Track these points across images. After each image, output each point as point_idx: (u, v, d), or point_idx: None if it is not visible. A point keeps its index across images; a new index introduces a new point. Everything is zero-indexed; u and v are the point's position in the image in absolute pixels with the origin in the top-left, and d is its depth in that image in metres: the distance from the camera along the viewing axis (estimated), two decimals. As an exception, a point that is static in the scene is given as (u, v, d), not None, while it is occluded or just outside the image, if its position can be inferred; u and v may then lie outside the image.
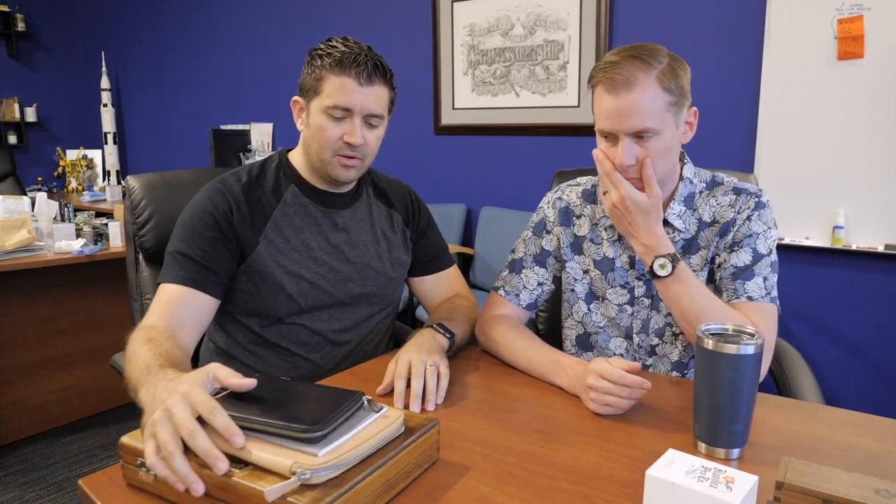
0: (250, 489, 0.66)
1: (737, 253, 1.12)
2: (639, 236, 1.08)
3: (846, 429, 0.93)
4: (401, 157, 3.69)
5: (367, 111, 1.17)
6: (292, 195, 1.25)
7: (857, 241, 2.41)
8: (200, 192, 1.21)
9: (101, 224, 2.73)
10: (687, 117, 1.11)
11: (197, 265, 1.13)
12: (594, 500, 0.74)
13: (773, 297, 1.11)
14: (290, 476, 0.65)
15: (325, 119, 1.16)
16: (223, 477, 0.67)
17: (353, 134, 1.16)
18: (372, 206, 1.34)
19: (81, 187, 5.08)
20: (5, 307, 2.42)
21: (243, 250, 1.19)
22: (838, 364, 2.55)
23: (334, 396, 0.78)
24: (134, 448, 0.74)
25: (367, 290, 1.29)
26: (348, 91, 1.14)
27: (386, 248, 1.33)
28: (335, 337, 1.26)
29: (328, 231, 1.26)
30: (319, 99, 1.16)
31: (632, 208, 1.07)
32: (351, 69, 1.14)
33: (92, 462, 2.38)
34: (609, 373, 0.94)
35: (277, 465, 0.67)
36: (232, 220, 1.18)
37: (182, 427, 0.69)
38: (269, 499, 0.64)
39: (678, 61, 1.08)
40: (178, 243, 1.15)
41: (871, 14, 2.28)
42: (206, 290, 1.13)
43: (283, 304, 1.21)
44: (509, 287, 1.28)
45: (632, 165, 1.07)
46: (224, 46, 4.51)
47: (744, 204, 1.14)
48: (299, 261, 1.22)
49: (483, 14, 3.25)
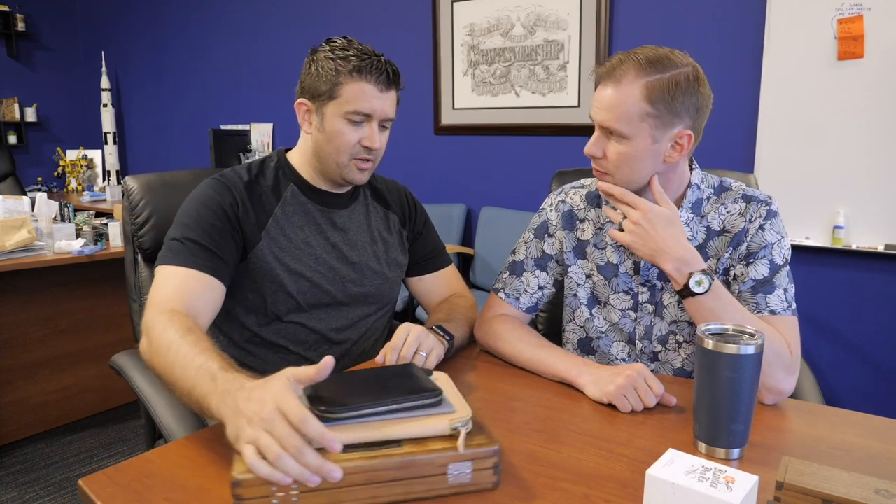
0: (432, 456, 0.73)
1: (754, 265, 1.09)
2: (670, 250, 1.03)
3: (846, 429, 0.93)
4: (401, 157, 3.69)
5: (384, 116, 1.20)
6: (292, 194, 1.25)
7: (857, 241, 2.41)
8: (201, 186, 1.21)
9: (100, 224, 2.73)
10: (676, 137, 1.05)
11: (209, 252, 1.11)
12: (594, 500, 0.74)
13: (794, 308, 1.09)
14: (451, 432, 0.75)
15: (343, 124, 1.18)
16: (396, 457, 0.71)
17: (372, 139, 1.19)
18: (369, 207, 1.35)
19: (81, 187, 5.08)
20: (5, 307, 2.42)
21: (246, 245, 1.19)
22: (838, 364, 2.55)
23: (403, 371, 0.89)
24: (255, 480, 0.67)
25: (365, 290, 1.29)
26: (369, 97, 1.16)
27: (383, 249, 1.34)
28: (333, 336, 1.27)
29: (327, 230, 1.27)
30: (337, 104, 1.17)
31: (655, 220, 1.03)
32: (371, 75, 1.16)
33: (92, 462, 2.38)
34: (655, 385, 1.00)
35: (437, 429, 0.75)
36: (238, 214, 1.18)
37: (287, 445, 0.65)
38: (462, 451, 0.73)
39: (690, 81, 1.03)
40: (185, 231, 1.13)
41: (871, 14, 2.28)
42: (220, 278, 1.11)
43: (282, 302, 1.21)
44: (509, 290, 1.28)
45: (596, 157, 1.09)
46: (224, 46, 4.51)
47: (755, 212, 1.11)
48: (300, 259, 1.22)
49: (483, 14, 3.25)
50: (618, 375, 1.00)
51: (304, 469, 0.65)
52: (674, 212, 1.05)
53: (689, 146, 1.07)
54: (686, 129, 1.05)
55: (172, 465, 0.82)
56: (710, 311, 1.02)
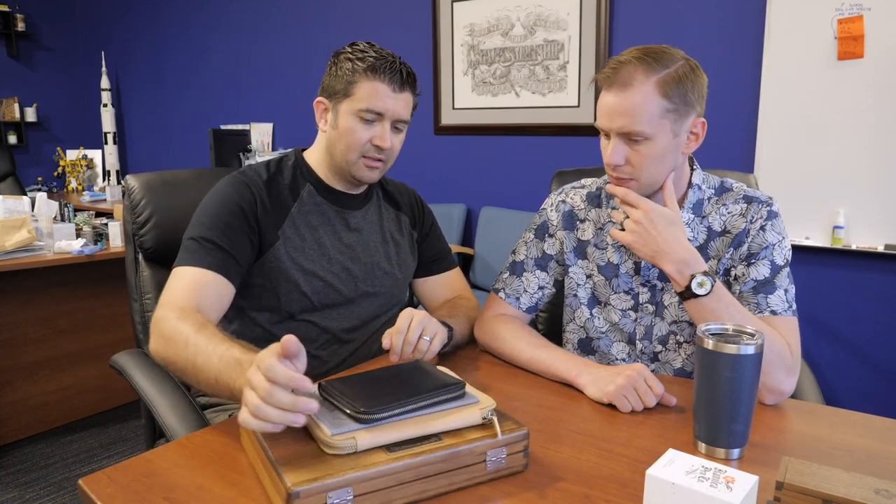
0: (472, 446, 0.76)
1: (755, 266, 1.10)
2: (672, 251, 1.02)
3: (846, 429, 0.93)
4: (401, 157, 3.65)
5: (397, 116, 1.21)
6: (308, 194, 1.27)
7: (857, 241, 2.41)
8: (222, 183, 1.22)
9: (101, 224, 2.73)
10: (692, 127, 1.07)
11: (223, 252, 1.13)
12: (594, 500, 0.74)
13: (794, 309, 1.09)
14: (483, 421, 0.79)
15: (355, 122, 1.19)
16: (441, 451, 0.74)
17: (383, 138, 1.20)
18: (381, 209, 1.37)
19: (81, 187, 5.08)
20: (5, 307, 2.42)
21: (262, 244, 1.20)
22: (838, 364, 2.55)
23: (419, 367, 0.92)
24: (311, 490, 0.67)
25: (376, 290, 1.31)
26: (382, 96, 1.18)
27: (394, 250, 1.35)
28: (343, 335, 1.28)
29: (341, 231, 1.28)
30: (350, 102, 1.19)
31: (657, 220, 1.03)
32: (385, 75, 1.17)
33: (92, 462, 2.38)
34: (655, 385, 1.00)
35: (470, 420, 0.79)
36: (257, 213, 1.19)
37: (260, 392, 0.71)
38: (501, 437, 0.77)
39: (692, 70, 1.04)
40: (202, 230, 1.14)
41: (871, 14, 2.28)
42: (230, 278, 1.13)
43: (296, 301, 1.22)
44: (510, 290, 1.28)
45: (619, 165, 1.06)
46: (224, 46, 4.51)
47: (756, 213, 1.11)
48: (314, 259, 1.23)
49: (483, 14, 3.25)
50: (618, 375, 1.00)
51: (281, 411, 0.70)
52: (676, 213, 1.05)
53: (703, 133, 1.09)
54: (698, 117, 1.07)
55: (172, 465, 0.82)
56: (712, 313, 1.01)
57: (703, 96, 1.08)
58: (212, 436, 0.90)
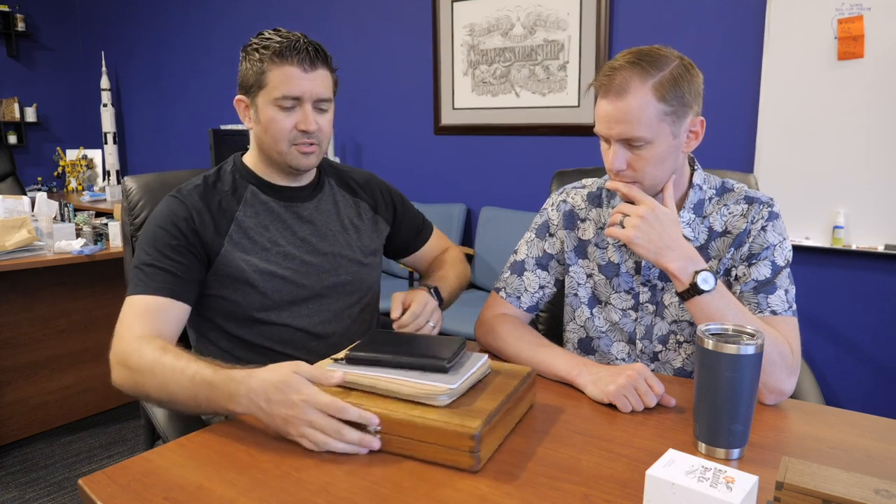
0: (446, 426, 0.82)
1: (756, 266, 1.10)
2: (677, 247, 1.03)
3: (846, 429, 0.93)
4: (401, 157, 3.69)
5: (315, 96, 1.18)
6: (252, 195, 1.26)
7: (857, 241, 2.41)
8: (159, 206, 1.22)
9: (100, 224, 2.73)
10: (690, 126, 1.08)
11: (167, 274, 1.12)
12: (594, 500, 0.74)
13: (795, 309, 1.09)
14: None
15: (275, 111, 1.18)
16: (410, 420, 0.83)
17: (306, 121, 1.17)
18: (336, 197, 1.35)
19: (81, 187, 5.08)
20: (5, 307, 2.42)
21: (209, 255, 1.19)
22: (838, 364, 2.55)
23: (439, 341, 0.99)
24: None
25: (341, 279, 1.30)
26: (294, 79, 1.16)
27: (355, 237, 1.34)
28: (318, 330, 1.27)
29: (294, 225, 1.27)
30: (266, 92, 1.18)
31: (661, 217, 1.03)
32: (293, 57, 1.15)
33: (92, 462, 2.38)
34: (656, 385, 1.00)
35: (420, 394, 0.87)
36: (195, 227, 1.18)
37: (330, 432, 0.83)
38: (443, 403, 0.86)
39: (687, 70, 1.04)
40: (144, 257, 1.14)
41: (871, 14, 2.28)
42: (180, 298, 1.12)
43: (257, 303, 1.21)
44: (510, 289, 1.28)
45: (622, 170, 1.07)
46: (224, 46, 4.51)
47: (757, 214, 1.12)
48: (268, 258, 1.22)
49: (483, 14, 3.25)
50: (618, 375, 1.00)
51: (348, 444, 0.83)
52: (675, 214, 1.06)
53: (702, 131, 1.09)
54: (696, 115, 1.08)
55: (172, 465, 0.82)
56: (715, 311, 1.01)
57: (700, 94, 1.08)
58: (212, 436, 0.90)
